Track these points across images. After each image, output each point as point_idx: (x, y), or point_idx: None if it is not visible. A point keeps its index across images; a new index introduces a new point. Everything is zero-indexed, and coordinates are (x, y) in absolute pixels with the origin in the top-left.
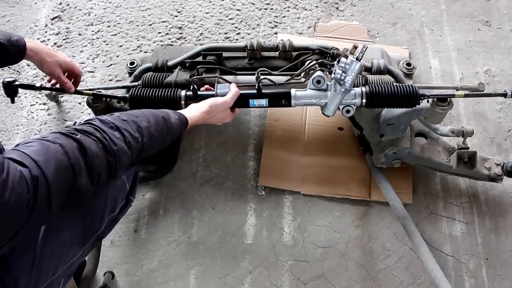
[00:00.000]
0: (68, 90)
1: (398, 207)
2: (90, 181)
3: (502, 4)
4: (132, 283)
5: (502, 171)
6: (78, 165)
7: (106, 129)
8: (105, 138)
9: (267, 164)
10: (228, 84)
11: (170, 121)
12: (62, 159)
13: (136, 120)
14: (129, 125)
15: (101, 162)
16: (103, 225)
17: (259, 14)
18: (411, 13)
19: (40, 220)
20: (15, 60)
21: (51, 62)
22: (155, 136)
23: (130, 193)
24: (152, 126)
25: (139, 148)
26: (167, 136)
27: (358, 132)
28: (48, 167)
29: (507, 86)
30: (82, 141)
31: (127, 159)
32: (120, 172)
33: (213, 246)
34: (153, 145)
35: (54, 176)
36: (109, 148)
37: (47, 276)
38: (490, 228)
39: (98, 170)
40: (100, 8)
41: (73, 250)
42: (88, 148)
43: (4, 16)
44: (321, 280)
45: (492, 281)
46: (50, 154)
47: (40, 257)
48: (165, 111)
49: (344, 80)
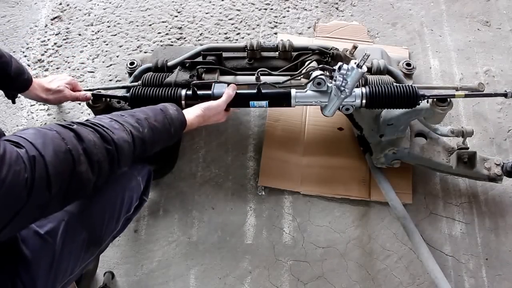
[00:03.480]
0: (87, 99)
1: (398, 207)
2: (90, 168)
3: (502, 4)
4: (132, 283)
5: (502, 171)
6: (76, 151)
7: (103, 122)
8: (103, 128)
9: (267, 164)
10: (225, 85)
11: (169, 112)
12: (60, 144)
13: (134, 114)
14: (128, 118)
15: (99, 150)
16: (119, 225)
17: (259, 14)
18: (411, 13)
19: (40, 201)
20: (18, 89)
21: (57, 99)
22: (156, 127)
23: (144, 193)
24: (151, 118)
25: (141, 138)
26: (170, 127)
27: (358, 132)
28: (46, 149)
29: (507, 86)
30: (78, 130)
31: (129, 148)
32: (123, 162)
33: (213, 246)
34: (157, 136)
35: (52, 158)
36: (107, 137)
37: (65, 276)
38: (489, 228)
39: (97, 158)
40: (100, 8)
41: (90, 250)
42: (85, 137)
43: (4, 16)
44: (321, 280)
45: (492, 281)
46: (47, 138)
47: (59, 257)
48: (161, 104)
49: (345, 87)
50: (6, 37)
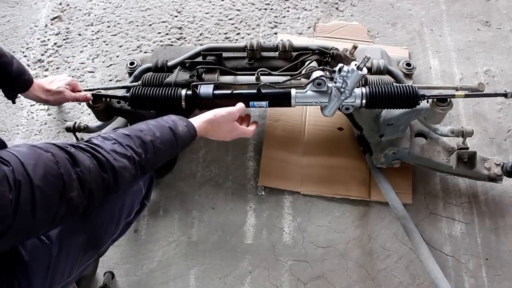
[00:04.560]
0: (87, 100)
1: (398, 207)
2: (83, 194)
3: (502, 4)
4: (132, 283)
5: (502, 171)
6: (69, 176)
7: (105, 146)
8: (102, 154)
9: (267, 164)
10: (212, 85)
11: (178, 130)
12: (52, 167)
13: (140, 134)
14: (133, 140)
15: (94, 177)
16: (119, 229)
17: (259, 14)
18: (411, 13)
19: (25, 224)
20: (18, 90)
21: (57, 101)
22: (160, 150)
23: (145, 197)
24: (157, 140)
25: (143, 164)
26: (176, 146)
27: (358, 132)
28: (36, 172)
29: (507, 86)
30: (74, 153)
31: (130, 174)
32: (120, 188)
33: (213, 246)
34: (161, 157)
35: (41, 182)
36: (106, 165)
37: (62, 278)
38: (489, 228)
39: (89, 185)
40: (100, 8)
41: (89, 253)
42: (81, 162)
43: (4, 16)
44: (321, 280)
45: (492, 281)
46: (40, 160)
47: (55, 261)
48: (172, 120)
49: (345, 89)
50: (6, 37)
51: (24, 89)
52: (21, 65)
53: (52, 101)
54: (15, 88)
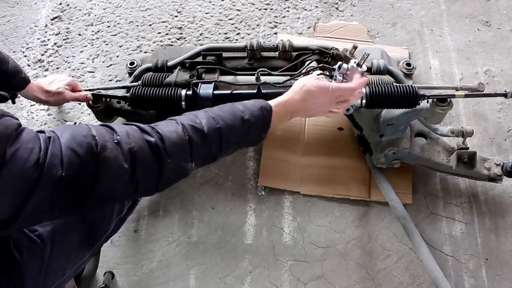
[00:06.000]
0: (87, 100)
1: (398, 207)
2: (123, 158)
3: (502, 4)
4: (132, 283)
5: (502, 171)
6: (103, 138)
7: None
8: (144, 125)
9: (267, 164)
10: (212, 85)
11: (250, 122)
12: (83, 130)
13: (197, 114)
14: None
15: (134, 139)
16: (111, 225)
17: (259, 14)
18: (411, 13)
19: (54, 178)
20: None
21: (57, 101)
22: (229, 147)
23: None
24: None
25: (199, 129)
26: (245, 136)
27: (358, 132)
28: (65, 133)
29: (507, 86)
30: (113, 126)
31: (179, 138)
32: (177, 155)
33: (213, 246)
34: (229, 148)
35: (68, 141)
36: (147, 129)
37: (56, 277)
38: (489, 228)
39: (129, 146)
40: (100, 8)
41: (82, 251)
42: (118, 129)
43: (4, 16)
44: (321, 280)
45: (492, 281)
46: (74, 128)
47: (48, 259)
48: (247, 107)
49: None
50: (6, 37)
51: (21, 87)
52: (17, 64)
53: (52, 102)
54: (12, 86)
